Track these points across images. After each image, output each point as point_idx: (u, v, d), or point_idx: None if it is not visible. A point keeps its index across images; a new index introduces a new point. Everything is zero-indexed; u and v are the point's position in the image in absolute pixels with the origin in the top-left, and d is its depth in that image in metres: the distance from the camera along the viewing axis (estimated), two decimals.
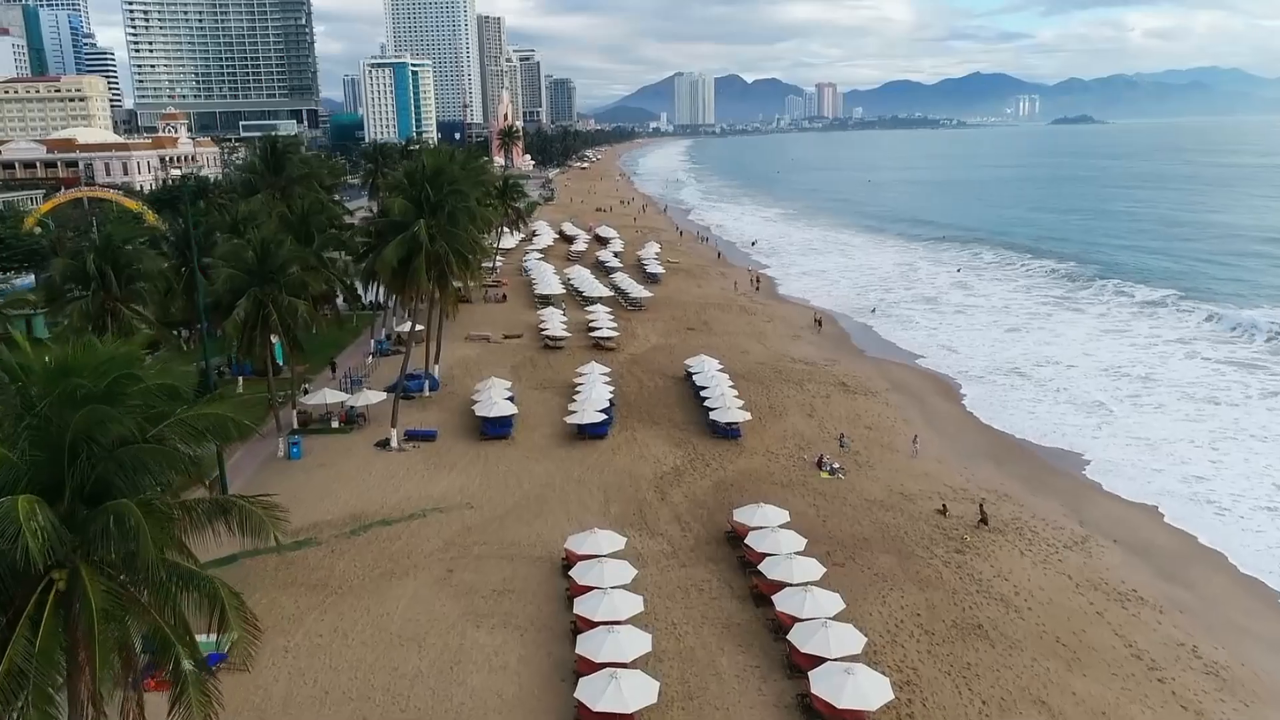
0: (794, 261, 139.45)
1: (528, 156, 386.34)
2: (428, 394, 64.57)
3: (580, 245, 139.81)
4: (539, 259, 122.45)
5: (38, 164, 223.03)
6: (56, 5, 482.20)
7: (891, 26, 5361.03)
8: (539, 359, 76.01)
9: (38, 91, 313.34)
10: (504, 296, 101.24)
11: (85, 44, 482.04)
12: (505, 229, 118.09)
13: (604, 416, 55.67)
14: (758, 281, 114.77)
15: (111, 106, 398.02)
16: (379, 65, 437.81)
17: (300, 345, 50.30)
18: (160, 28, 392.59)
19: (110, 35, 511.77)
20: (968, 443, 59.79)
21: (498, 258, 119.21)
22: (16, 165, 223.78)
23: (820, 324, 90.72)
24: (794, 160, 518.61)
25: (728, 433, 56.30)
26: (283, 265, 48.48)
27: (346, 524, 44.24)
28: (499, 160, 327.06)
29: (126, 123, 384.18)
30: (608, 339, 79.27)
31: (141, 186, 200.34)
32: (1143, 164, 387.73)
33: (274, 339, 63.22)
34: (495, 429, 55.60)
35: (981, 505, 46.18)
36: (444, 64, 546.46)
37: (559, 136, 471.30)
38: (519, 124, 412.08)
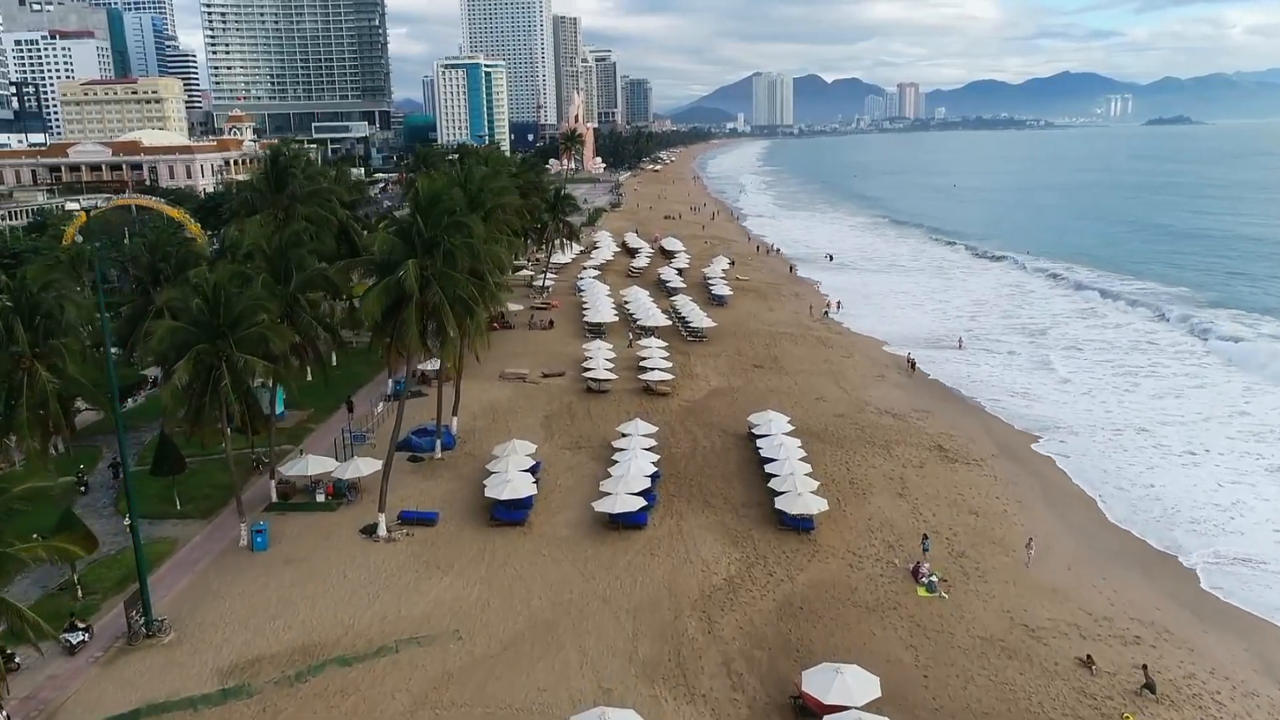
0: (874, 280, 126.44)
1: (598, 159, 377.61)
2: (439, 455, 54.39)
3: (642, 260, 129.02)
4: (595, 277, 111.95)
5: (103, 166, 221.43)
6: (141, 7, 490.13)
7: (976, 25, 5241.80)
8: (578, 406, 65.33)
9: (115, 93, 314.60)
10: (550, 323, 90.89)
11: (168, 46, 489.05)
12: (559, 243, 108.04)
13: (642, 502, 44.68)
14: (835, 306, 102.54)
15: (193, 108, 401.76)
16: (452, 66, 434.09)
17: (260, 412, 40.47)
18: (237, 29, 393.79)
19: (195, 38, 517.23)
20: (1101, 538, 47.36)
21: (548, 276, 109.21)
22: (83, 168, 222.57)
23: (914, 366, 78.30)
24: (872, 163, 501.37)
25: (798, 523, 44.90)
26: (241, 316, 38.66)
27: (294, 660, 34.02)
28: (568, 164, 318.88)
29: (203, 124, 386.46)
30: (660, 383, 68.25)
31: (203, 190, 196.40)
32: (1246, 170, 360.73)
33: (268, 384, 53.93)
34: (508, 514, 45.08)
35: (1145, 669, 33.85)
36: (519, 65, 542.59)
37: (632, 138, 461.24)
38: (590, 125, 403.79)
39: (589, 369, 70.11)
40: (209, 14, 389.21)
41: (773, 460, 50.04)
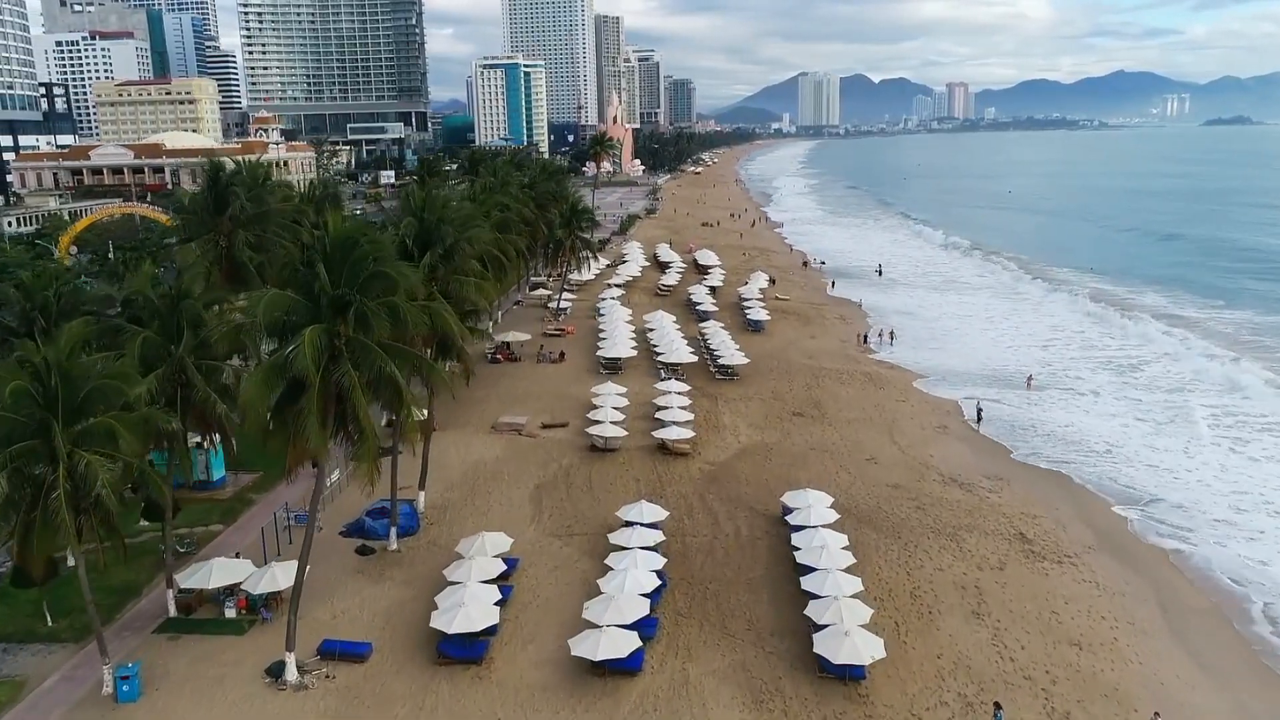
0: (929, 301, 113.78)
1: (637, 161, 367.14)
2: (394, 546, 43.76)
3: (672, 277, 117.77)
4: (618, 297, 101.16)
5: (125, 170, 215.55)
6: (183, 8, 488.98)
7: (1028, 24, 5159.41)
8: (579, 471, 54.41)
9: (149, 94, 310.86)
10: (562, 355, 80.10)
11: (209, 47, 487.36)
12: (578, 260, 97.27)
13: (636, 642, 33.53)
14: (888, 337, 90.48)
15: (233, 109, 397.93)
16: (490, 66, 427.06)
17: (116, 529, 30.17)
18: (274, 30, 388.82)
19: (236, 39, 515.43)
20: (1255, 690, 35.48)
21: (562, 297, 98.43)
22: (105, 171, 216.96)
23: (981, 416, 66.31)
24: (921, 165, 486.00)
25: (844, 672, 33.59)
26: (88, 401, 28.46)
27: None
28: (606, 167, 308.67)
29: (239, 125, 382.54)
30: (678, 442, 57.08)
31: None
32: None
33: (206, 445, 44.09)
34: (460, 650, 34.28)
35: None
36: (560, 65, 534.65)
37: (672, 139, 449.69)
38: (628, 126, 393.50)
39: (596, 421, 59.19)
40: (245, 14, 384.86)
41: (812, 570, 38.71)
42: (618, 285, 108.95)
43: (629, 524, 43.28)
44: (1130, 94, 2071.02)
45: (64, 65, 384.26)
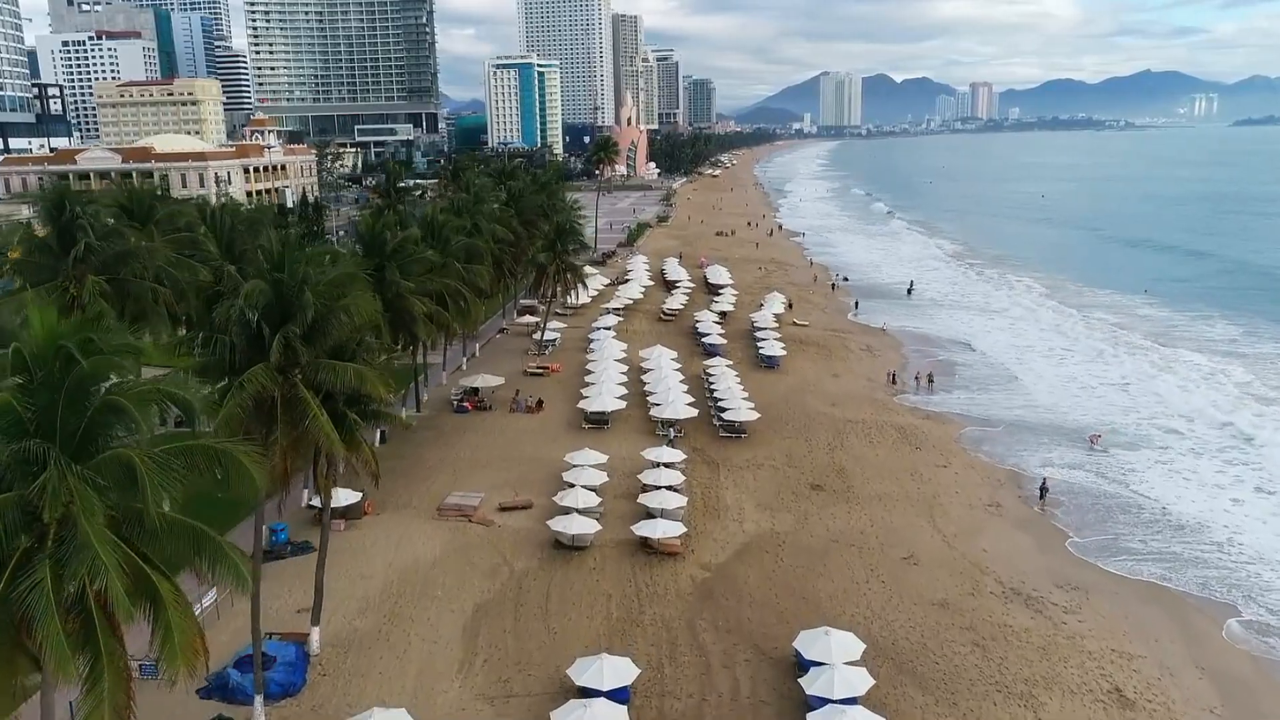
0: (968, 327, 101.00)
1: (652, 165, 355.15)
2: (259, 716, 31.97)
3: (678, 299, 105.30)
4: (612, 326, 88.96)
5: (113, 174, 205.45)
6: (195, 7, 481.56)
7: (1052, 23, 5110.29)
8: (534, 582, 42.32)
9: (150, 95, 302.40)
10: (540, 404, 68.02)
11: (219, 47, 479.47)
12: (569, 284, 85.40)
13: None
14: (926, 380, 77.80)
15: (241, 110, 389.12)
16: (503, 66, 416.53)
17: None
18: (280, 29, 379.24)
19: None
20: None
21: (551, 326, 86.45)
22: (92, 176, 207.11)
23: (1045, 494, 53.88)
24: (947, 167, 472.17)
25: None
26: None
27: None
28: (620, 170, 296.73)
29: (246, 126, 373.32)
30: (665, 540, 44.92)
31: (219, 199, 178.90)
32: None
33: None
34: None
35: None
36: (576, 65, 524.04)
37: (689, 141, 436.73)
38: (643, 128, 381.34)
39: (564, 509, 47.17)
40: (253, 13, 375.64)
41: None
42: (616, 311, 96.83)
43: (584, 691, 31.37)
44: (1157, 94, 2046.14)
45: (70, 66, 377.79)
